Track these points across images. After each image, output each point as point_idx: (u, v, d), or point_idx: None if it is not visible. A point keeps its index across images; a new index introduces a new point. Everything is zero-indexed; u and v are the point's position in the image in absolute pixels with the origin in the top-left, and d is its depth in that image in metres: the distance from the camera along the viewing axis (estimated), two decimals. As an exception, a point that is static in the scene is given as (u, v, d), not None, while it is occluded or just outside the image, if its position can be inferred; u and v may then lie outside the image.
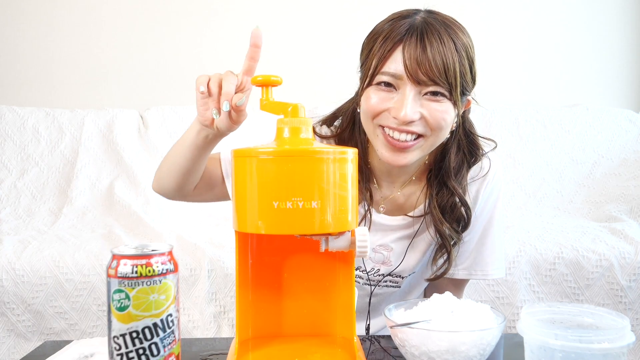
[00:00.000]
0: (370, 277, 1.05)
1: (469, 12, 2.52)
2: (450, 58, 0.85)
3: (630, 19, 2.59)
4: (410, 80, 0.86)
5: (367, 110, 0.90)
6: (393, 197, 1.03)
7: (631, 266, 1.58)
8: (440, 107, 0.88)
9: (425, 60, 0.84)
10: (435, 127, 0.89)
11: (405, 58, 0.85)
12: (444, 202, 0.97)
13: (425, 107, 0.87)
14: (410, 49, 0.85)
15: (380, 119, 0.89)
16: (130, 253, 0.61)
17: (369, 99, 0.89)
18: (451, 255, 0.99)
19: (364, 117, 0.93)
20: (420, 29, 0.86)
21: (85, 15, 2.45)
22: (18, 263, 1.54)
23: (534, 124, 2.36)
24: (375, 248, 1.03)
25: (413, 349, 0.70)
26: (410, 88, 0.86)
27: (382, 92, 0.89)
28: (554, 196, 2.19)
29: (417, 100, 0.87)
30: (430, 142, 0.91)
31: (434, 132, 0.89)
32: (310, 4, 2.51)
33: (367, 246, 0.67)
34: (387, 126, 0.89)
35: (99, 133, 2.24)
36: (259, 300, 0.75)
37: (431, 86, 0.86)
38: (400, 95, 0.87)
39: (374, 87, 0.89)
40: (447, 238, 0.98)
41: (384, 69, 0.87)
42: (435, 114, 0.87)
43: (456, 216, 0.98)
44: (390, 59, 0.87)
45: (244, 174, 0.63)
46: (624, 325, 0.63)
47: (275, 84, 0.75)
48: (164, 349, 0.62)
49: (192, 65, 2.49)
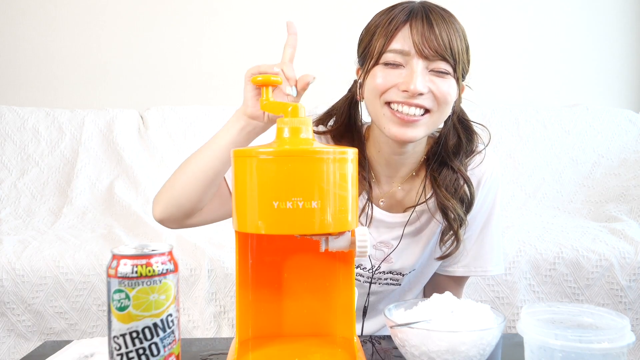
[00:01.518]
0: (371, 275, 1.05)
1: (469, 12, 2.52)
2: (454, 36, 0.90)
3: (630, 19, 2.59)
4: (418, 55, 0.88)
5: (375, 87, 0.91)
6: (393, 192, 1.03)
7: (631, 266, 1.58)
8: (445, 82, 0.90)
9: (432, 36, 0.88)
10: (442, 102, 0.91)
11: (413, 35, 0.88)
12: (447, 181, 0.99)
13: (433, 82, 0.90)
14: (417, 25, 0.89)
15: (388, 94, 0.91)
16: (130, 253, 0.61)
17: (376, 77, 0.91)
18: (458, 234, 0.99)
19: (370, 96, 0.93)
20: (423, 10, 0.90)
21: (85, 15, 2.45)
22: (18, 263, 1.54)
23: (534, 124, 2.36)
24: (375, 245, 1.03)
25: (413, 349, 0.70)
26: (417, 62, 0.89)
27: (389, 69, 0.90)
28: (554, 196, 2.19)
29: (424, 75, 0.89)
30: (435, 118, 0.93)
31: (440, 107, 0.91)
32: (310, 4, 2.51)
33: (367, 246, 0.67)
34: (396, 101, 0.90)
35: (99, 133, 2.24)
36: (259, 300, 0.75)
37: (438, 61, 0.89)
38: (408, 70, 0.89)
39: (380, 66, 0.91)
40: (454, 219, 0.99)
41: (390, 47, 0.90)
42: (441, 89, 0.90)
43: (459, 195, 0.99)
44: (396, 38, 0.89)
45: (244, 174, 0.63)
46: (623, 325, 0.63)
47: (276, 84, 0.75)
48: (164, 349, 0.62)
49: (192, 65, 2.49)
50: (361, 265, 1.04)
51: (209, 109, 2.35)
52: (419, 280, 1.10)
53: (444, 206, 0.98)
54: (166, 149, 2.24)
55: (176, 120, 2.31)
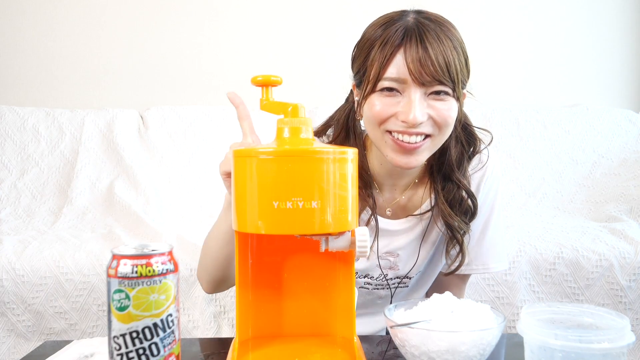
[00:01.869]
0: (379, 282, 1.05)
1: (469, 12, 2.52)
2: (451, 56, 0.86)
3: (630, 19, 2.59)
4: (415, 82, 0.86)
5: (373, 117, 0.90)
6: (396, 201, 1.03)
7: (631, 266, 1.58)
8: (446, 105, 0.88)
9: (428, 61, 0.85)
10: (443, 126, 0.90)
11: (407, 61, 0.85)
12: (451, 197, 0.98)
13: (432, 108, 0.88)
14: (411, 51, 0.85)
15: (388, 124, 0.89)
16: (130, 253, 0.61)
17: (374, 106, 0.89)
18: (463, 246, 0.99)
19: (369, 124, 0.92)
20: (417, 31, 0.86)
21: (85, 15, 2.45)
22: (18, 263, 1.53)
23: (534, 124, 2.36)
24: (381, 255, 1.03)
25: (413, 349, 0.70)
26: (415, 90, 0.86)
27: (386, 97, 0.88)
28: (554, 196, 2.19)
29: (423, 102, 0.87)
30: (437, 141, 0.92)
31: (441, 130, 0.90)
32: (311, 4, 2.51)
33: (367, 246, 0.67)
34: (396, 130, 0.89)
35: (99, 133, 2.24)
36: (259, 300, 0.75)
37: (436, 86, 0.87)
38: (406, 99, 0.87)
39: (377, 94, 0.89)
40: (457, 230, 0.99)
41: (386, 74, 0.87)
42: (441, 113, 0.88)
43: (464, 209, 0.99)
44: (391, 64, 0.87)
45: (244, 174, 0.63)
46: (623, 325, 0.63)
47: (275, 84, 0.75)
48: (164, 349, 0.62)
49: (192, 65, 2.49)
50: (368, 275, 1.04)
51: (209, 109, 2.34)
52: (425, 280, 1.11)
53: (447, 222, 0.98)
54: (166, 149, 2.24)
55: (176, 120, 2.30)
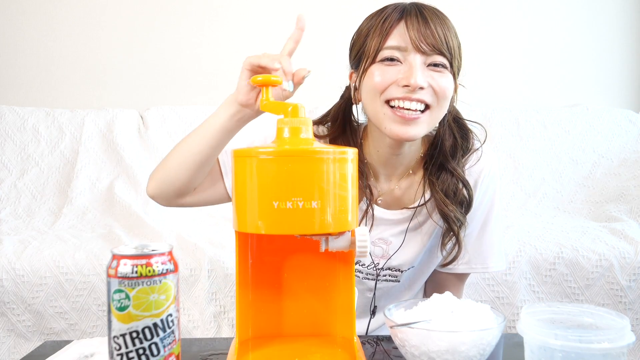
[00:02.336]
0: (369, 272, 1.05)
1: (469, 12, 2.52)
2: (448, 32, 0.91)
3: (630, 19, 2.59)
4: (415, 49, 0.89)
5: (374, 86, 0.91)
6: (391, 190, 1.04)
7: (631, 266, 1.58)
8: (444, 77, 0.91)
9: (428, 31, 0.89)
10: (442, 96, 0.91)
11: (409, 31, 0.89)
12: (446, 186, 0.99)
13: (431, 77, 0.90)
14: (412, 22, 0.89)
15: (388, 92, 0.90)
16: (130, 253, 0.61)
17: (374, 76, 0.91)
18: (459, 238, 1.00)
19: (369, 96, 0.93)
20: (417, 9, 0.91)
21: (85, 15, 2.45)
22: (18, 263, 1.54)
23: (534, 124, 2.36)
24: (374, 241, 1.03)
25: (413, 349, 0.70)
26: (415, 56, 0.89)
27: (387, 66, 0.91)
28: (554, 196, 2.19)
29: (424, 70, 0.90)
30: (434, 114, 0.93)
31: (439, 102, 0.92)
32: (311, 4, 2.51)
33: (367, 246, 0.67)
34: (396, 97, 0.90)
35: (99, 133, 2.24)
36: (259, 300, 0.75)
37: (435, 55, 0.90)
38: (406, 66, 0.90)
39: (377, 64, 0.91)
40: (454, 221, 0.99)
41: (387, 44, 0.90)
42: (440, 84, 0.91)
43: (459, 199, 1.00)
44: (392, 35, 0.90)
45: (244, 174, 0.63)
46: (624, 325, 0.63)
47: (276, 84, 0.75)
48: (164, 349, 0.62)
49: (192, 65, 2.49)
50: (360, 262, 1.04)
51: (209, 109, 2.32)
52: (417, 277, 1.10)
53: (443, 212, 0.99)
54: (166, 149, 2.24)
55: (176, 120, 2.30)
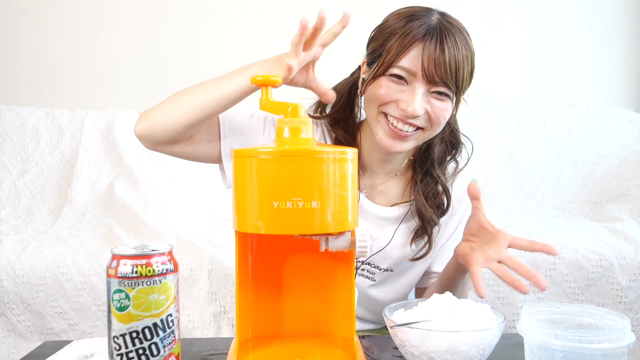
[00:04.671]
0: None
1: (470, 11, 2.52)
2: (462, 63, 0.91)
3: (630, 19, 2.59)
4: (423, 78, 0.90)
5: (376, 98, 0.94)
6: (374, 186, 1.07)
7: (631, 266, 1.58)
8: (443, 105, 0.93)
9: (441, 63, 0.89)
10: (436, 123, 0.94)
11: (423, 57, 0.89)
12: (428, 190, 1.04)
13: (430, 104, 0.92)
14: (429, 49, 0.89)
15: (387, 108, 0.94)
16: (130, 253, 0.61)
17: (380, 88, 0.93)
18: (431, 237, 1.05)
19: (370, 102, 0.96)
20: (439, 32, 0.90)
21: (85, 15, 2.45)
22: (18, 263, 1.53)
23: (534, 124, 2.35)
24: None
25: (413, 349, 0.70)
26: (421, 85, 0.91)
27: (393, 83, 0.92)
28: (554, 196, 2.19)
29: (424, 97, 0.92)
30: (426, 135, 0.97)
31: (433, 127, 0.95)
32: (310, 4, 2.51)
33: (367, 246, 0.67)
34: (392, 115, 0.93)
35: (99, 133, 2.24)
36: (259, 300, 0.75)
37: (440, 86, 0.91)
38: (410, 90, 0.92)
39: (385, 78, 0.93)
40: (428, 221, 1.04)
41: (400, 63, 0.91)
42: (438, 112, 0.93)
43: (437, 202, 1.04)
44: (407, 55, 0.90)
45: (244, 174, 0.63)
46: (624, 325, 0.63)
47: (275, 84, 0.75)
48: (164, 349, 0.62)
49: (192, 65, 2.48)
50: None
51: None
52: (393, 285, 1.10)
53: (420, 212, 1.03)
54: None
55: (176, 120, 2.30)
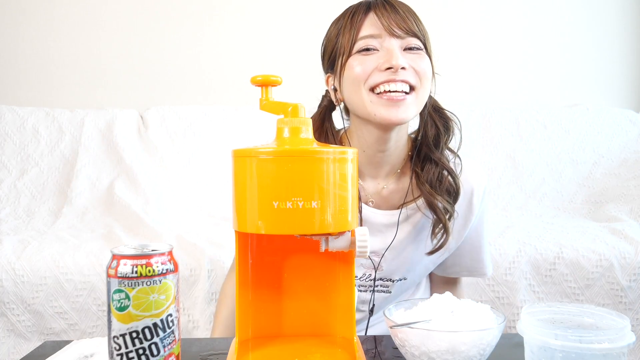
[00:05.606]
0: (361, 283, 1.05)
1: (470, 11, 2.52)
2: (416, 18, 0.95)
3: (630, 19, 2.59)
4: (390, 34, 0.91)
5: (356, 76, 0.92)
6: (379, 191, 1.03)
7: (631, 266, 1.58)
8: (422, 58, 0.93)
9: (398, 17, 0.92)
10: (423, 77, 0.93)
11: (381, 19, 0.92)
12: (431, 175, 0.99)
13: (410, 59, 0.92)
14: (381, 11, 0.92)
15: (371, 78, 0.91)
16: (130, 253, 0.61)
17: (354, 67, 0.92)
18: (447, 227, 0.99)
19: (352, 88, 0.94)
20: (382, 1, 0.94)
21: (85, 15, 2.45)
22: (18, 263, 1.53)
23: (534, 124, 2.36)
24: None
25: (413, 349, 0.70)
26: (391, 41, 0.91)
27: (365, 56, 0.92)
28: (554, 196, 2.19)
29: (402, 52, 0.92)
30: (420, 95, 0.94)
31: (422, 82, 0.93)
32: (310, 4, 2.51)
33: (367, 246, 0.67)
34: (380, 82, 0.91)
35: (98, 133, 2.24)
36: (259, 300, 0.75)
37: (409, 38, 0.92)
38: (384, 51, 0.92)
39: (354, 56, 0.93)
40: (442, 211, 0.98)
41: (360, 34, 0.92)
42: (420, 64, 0.92)
43: (445, 187, 0.99)
44: (364, 26, 0.93)
45: (244, 174, 0.63)
46: (624, 325, 0.63)
47: (275, 84, 0.75)
48: (164, 349, 0.62)
49: (192, 65, 2.49)
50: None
51: (208, 109, 2.35)
52: (408, 288, 1.11)
53: (431, 202, 0.98)
54: (166, 149, 2.24)
55: (176, 120, 2.30)
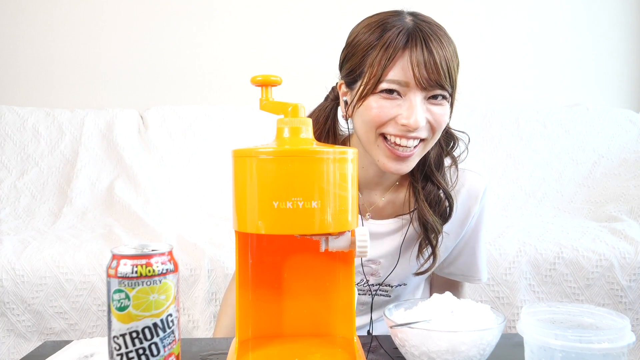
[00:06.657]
0: (359, 288, 1.05)
1: (470, 11, 2.52)
2: (452, 61, 0.86)
3: (630, 19, 2.59)
4: (418, 86, 0.85)
5: (372, 120, 0.88)
6: (375, 203, 1.02)
7: (631, 266, 1.58)
8: (442, 109, 0.88)
9: (433, 66, 0.84)
10: (437, 129, 0.89)
11: (413, 65, 0.84)
12: (431, 197, 0.98)
13: (430, 112, 0.87)
14: (416, 54, 0.84)
15: (386, 127, 0.88)
16: (130, 253, 0.61)
17: (371, 109, 0.87)
18: (435, 249, 0.98)
19: (364, 127, 0.90)
20: (421, 35, 0.85)
21: (85, 15, 2.45)
22: (18, 263, 1.53)
23: (534, 124, 2.36)
24: (363, 262, 1.02)
25: (413, 349, 0.70)
26: (416, 94, 0.86)
27: (385, 100, 0.87)
28: (554, 196, 2.19)
29: (423, 106, 0.87)
30: (428, 145, 0.92)
31: (434, 134, 0.90)
32: (310, 4, 2.51)
33: (367, 246, 0.67)
34: (393, 134, 0.88)
35: (99, 133, 2.24)
36: (259, 300, 0.75)
37: (437, 90, 0.86)
38: (406, 102, 0.86)
39: (375, 96, 0.87)
40: (431, 230, 0.97)
41: (388, 77, 0.85)
42: (438, 118, 0.88)
43: (441, 210, 0.98)
44: (395, 67, 0.85)
45: (244, 174, 0.63)
46: (624, 325, 0.63)
47: (275, 84, 0.75)
48: (164, 349, 0.62)
49: (192, 65, 2.49)
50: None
51: (208, 109, 2.35)
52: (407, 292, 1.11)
53: (424, 220, 0.97)
54: (166, 149, 2.24)
55: (176, 120, 2.30)
